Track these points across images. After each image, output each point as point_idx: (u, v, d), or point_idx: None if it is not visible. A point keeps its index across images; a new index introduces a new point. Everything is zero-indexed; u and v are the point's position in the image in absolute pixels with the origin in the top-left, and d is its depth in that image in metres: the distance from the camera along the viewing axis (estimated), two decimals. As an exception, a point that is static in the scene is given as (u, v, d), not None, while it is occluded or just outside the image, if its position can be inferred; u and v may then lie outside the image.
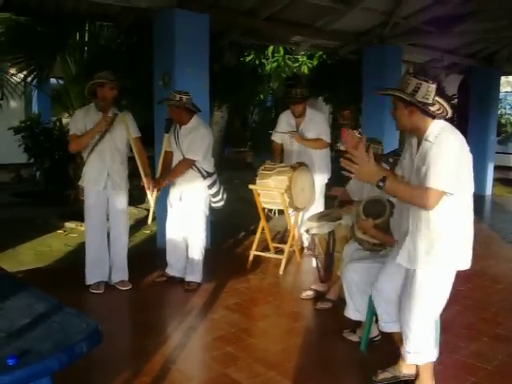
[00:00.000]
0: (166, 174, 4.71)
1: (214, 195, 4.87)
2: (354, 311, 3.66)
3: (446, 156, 2.66)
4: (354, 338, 3.79)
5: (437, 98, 2.82)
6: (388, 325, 3.34)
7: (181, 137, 4.68)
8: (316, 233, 4.46)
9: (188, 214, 4.80)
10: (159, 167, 4.80)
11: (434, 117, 2.75)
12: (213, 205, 4.94)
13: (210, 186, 4.81)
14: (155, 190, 4.60)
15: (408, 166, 2.94)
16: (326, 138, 5.80)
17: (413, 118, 2.78)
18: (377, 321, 3.78)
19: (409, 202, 2.84)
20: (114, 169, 4.64)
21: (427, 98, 2.72)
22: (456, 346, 3.69)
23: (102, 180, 4.61)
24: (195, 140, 4.63)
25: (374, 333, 3.71)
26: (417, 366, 3.11)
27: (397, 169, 3.11)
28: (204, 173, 4.74)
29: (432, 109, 2.74)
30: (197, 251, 4.85)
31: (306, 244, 5.89)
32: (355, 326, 3.80)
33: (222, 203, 4.98)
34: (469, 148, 2.78)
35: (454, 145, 2.70)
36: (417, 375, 3.14)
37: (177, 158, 4.73)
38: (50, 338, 1.87)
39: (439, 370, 3.19)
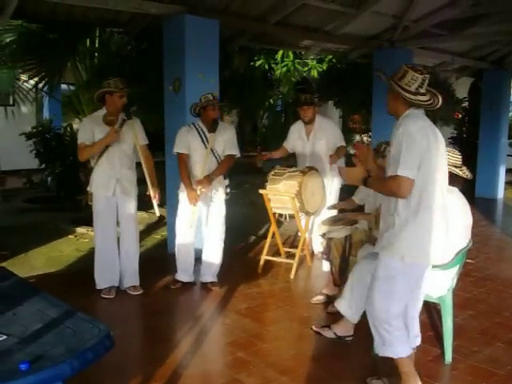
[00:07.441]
0: (213, 172, 4.71)
1: (227, 194, 5.02)
2: (346, 307, 3.65)
3: (405, 141, 2.67)
4: (329, 333, 3.81)
5: (429, 88, 2.85)
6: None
7: (210, 137, 4.72)
8: (333, 237, 4.45)
9: (215, 214, 4.88)
10: (202, 167, 4.71)
11: (410, 104, 2.80)
12: None
13: (228, 187, 4.97)
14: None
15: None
16: (344, 142, 5.86)
17: (396, 103, 2.86)
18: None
19: (387, 195, 2.85)
20: (123, 174, 4.66)
21: (409, 86, 2.77)
22: (470, 351, 3.65)
23: (111, 186, 4.62)
24: (232, 137, 4.86)
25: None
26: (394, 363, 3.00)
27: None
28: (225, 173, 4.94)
29: (413, 97, 2.76)
30: (220, 252, 4.96)
31: (320, 248, 5.82)
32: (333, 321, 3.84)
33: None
34: (438, 137, 2.77)
35: (409, 130, 2.68)
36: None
37: (207, 159, 4.72)
38: (63, 343, 1.87)
39: (453, 375, 3.16)
